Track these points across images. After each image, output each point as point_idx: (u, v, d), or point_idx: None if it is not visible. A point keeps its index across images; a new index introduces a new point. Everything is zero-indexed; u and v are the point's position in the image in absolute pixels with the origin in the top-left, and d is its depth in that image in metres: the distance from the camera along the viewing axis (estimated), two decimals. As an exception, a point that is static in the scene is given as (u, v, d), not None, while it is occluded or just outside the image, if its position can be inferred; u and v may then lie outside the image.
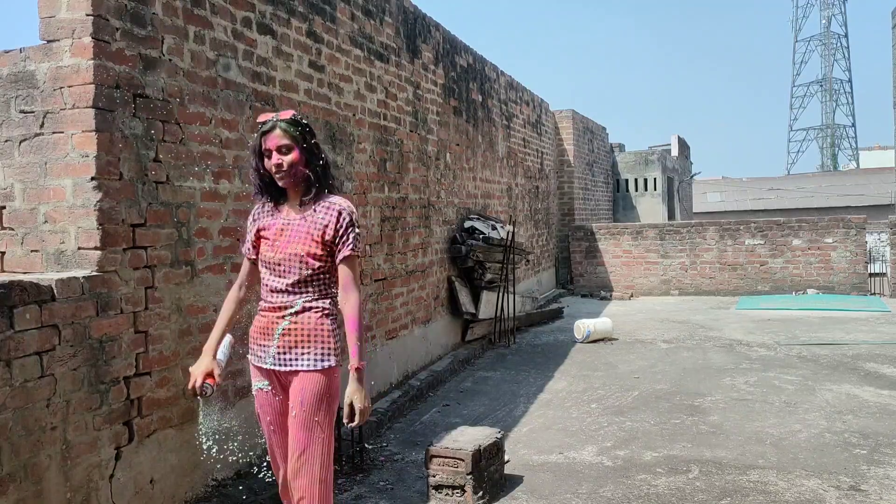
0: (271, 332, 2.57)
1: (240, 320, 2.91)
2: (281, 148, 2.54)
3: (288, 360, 2.56)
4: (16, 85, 3.11)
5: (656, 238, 12.31)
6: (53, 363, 2.75)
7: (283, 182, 2.57)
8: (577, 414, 5.25)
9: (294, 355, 2.55)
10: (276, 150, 2.54)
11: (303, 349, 2.54)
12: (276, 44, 4.29)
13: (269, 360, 2.58)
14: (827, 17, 72.81)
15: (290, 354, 2.55)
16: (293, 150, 2.54)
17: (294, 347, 2.55)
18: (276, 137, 2.54)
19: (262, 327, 2.61)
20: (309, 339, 2.55)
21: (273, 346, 2.57)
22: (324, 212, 2.58)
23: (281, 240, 2.58)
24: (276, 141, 2.54)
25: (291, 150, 2.54)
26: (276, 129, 2.55)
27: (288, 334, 2.55)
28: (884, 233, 12.27)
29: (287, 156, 2.54)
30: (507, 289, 8.15)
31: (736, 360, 6.88)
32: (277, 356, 2.57)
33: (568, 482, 3.94)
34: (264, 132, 2.56)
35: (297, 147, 2.55)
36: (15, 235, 3.16)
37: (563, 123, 13.39)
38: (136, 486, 3.15)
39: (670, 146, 20.85)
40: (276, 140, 2.54)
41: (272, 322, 2.58)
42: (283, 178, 2.56)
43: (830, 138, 72.18)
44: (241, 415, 3.81)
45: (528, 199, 10.97)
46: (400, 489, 3.91)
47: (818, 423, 4.82)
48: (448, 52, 7.54)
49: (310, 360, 2.54)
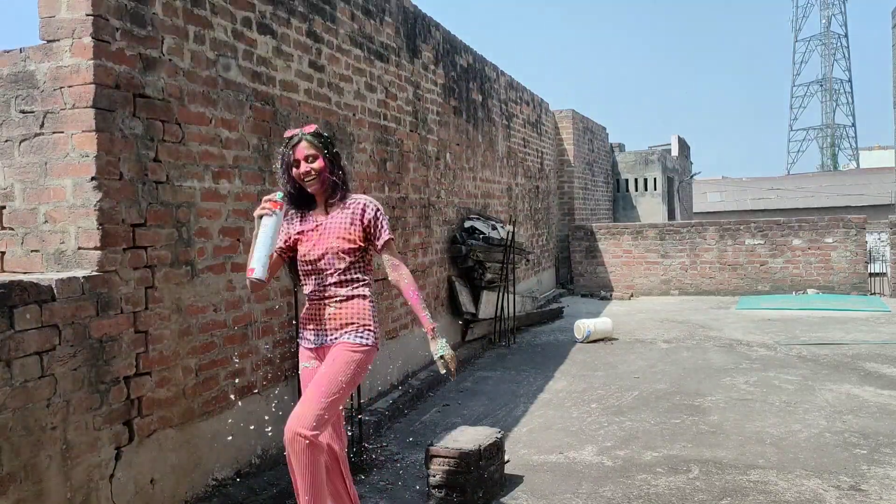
0: (320, 318, 2.94)
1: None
2: (308, 157, 2.89)
3: (334, 338, 2.92)
4: (16, 85, 3.11)
5: (656, 238, 12.31)
6: (53, 363, 2.75)
7: (312, 188, 2.92)
8: (577, 414, 5.25)
9: (339, 333, 2.92)
10: (304, 160, 2.89)
11: (347, 329, 2.91)
12: (276, 44, 4.29)
13: (318, 340, 2.94)
14: (827, 17, 72.84)
15: (336, 333, 2.92)
16: (318, 158, 2.90)
17: (339, 329, 2.92)
18: (303, 148, 2.89)
19: (311, 315, 2.97)
20: (352, 320, 2.91)
21: (322, 328, 2.93)
22: (350, 209, 2.96)
23: (317, 239, 2.93)
24: (304, 151, 2.89)
25: (317, 159, 2.90)
26: (303, 141, 2.90)
27: (335, 318, 2.91)
28: (884, 233, 12.27)
29: (314, 164, 2.89)
30: (507, 289, 8.15)
31: (736, 360, 6.88)
32: (326, 335, 2.93)
33: (568, 482, 3.94)
34: (293, 145, 2.91)
35: (321, 156, 2.90)
36: (15, 235, 3.16)
37: (563, 123, 13.39)
38: (137, 486, 3.15)
39: (670, 146, 20.86)
40: (302, 151, 2.89)
41: (320, 309, 2.94)
42: (313, 184, 2.91)
43: (830, 138, 72.20)
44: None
45: (528, 199, 10.97)
46: (400, 489, 3.91)
47: (818, 423, 4.82)
48: (448, 52, 7.54)
49: (351, 336, 2.91)
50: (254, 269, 2.78)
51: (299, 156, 2.88)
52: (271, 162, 4.23)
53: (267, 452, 4.08)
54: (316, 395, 2.78)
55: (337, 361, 2.85)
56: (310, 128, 2.96)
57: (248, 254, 2.86)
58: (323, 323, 2.93)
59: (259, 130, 4.12)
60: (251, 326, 4.01)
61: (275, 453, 4.14)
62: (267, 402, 4.13)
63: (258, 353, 4.06)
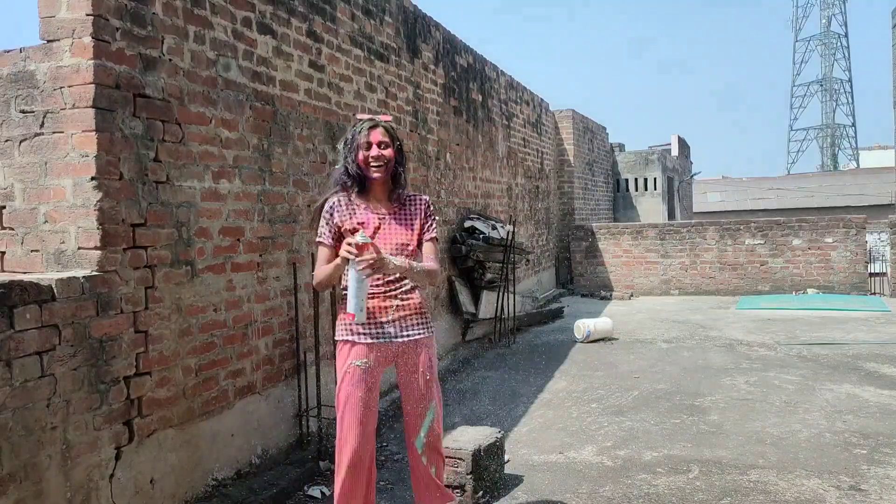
0: (385, 311, 2.92)
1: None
2: (381, 143, 2.92)
3: (405, 333, 2.95)
4: (16, 85, 3.11)
5: (656, 238, 12.31)
6: (53, 363, 2.75)
7: (376, 174, 2.91)
8: (577, 414, 5.25)
9: (409, 327, 2.96)
10: (377, 145, 2.91)
11: (415, 321, 2.98)
12: (276, 44, 4.29)
13: (385, 336, 2.93)
14: (827, 16, 72.81)
15: (406, 327, 2.96)
16: (390, 147, 2.94)
17: (407, 321, 2.96)
18: (380, 134, 2.93)
19: (372, 308, 2.91)
20: (417, 313, 2.99)
21: (388, 322, 2.93)
22: (413, 205, 3.04)
23: (381, 232, 2.93)
24: (379, 137, 2.92)
25: (388, 147, 2.93)
26: (380, 126, 2.95)
27: (401, 310, 2.94)
28: (884, 233, 12.28)
29: (385, 150, 2.92)
30: (508, 288, 8.15)
31: (736, 360, 6.88)
32: (397, 331, 2.94)
33: (568, 482, 3.94)
34: (370, 127, 2.93)
35: (393, 147, 2.95)
36: (15, 235, 3.16)
37: (563, 123, 13.39)
38: (137, 486, 3.15)
39: (670, 146, 20.86)
40: (378, 136, 2.92)
41: (384, 302, 2.92)
42: (379, 170, 2.91)
43: (830, 138, 72.18)
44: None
45: (528, 199, 10.97)
46: (400, 489, 3.91)
47: (818, 423, 4.82)
48: (448, 52, 7.54)
49: (424, 330, 3.00)
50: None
51: (374, 139, 2.90)
52: (271, 162, 4.23)
53: (267, 452, 4.08)
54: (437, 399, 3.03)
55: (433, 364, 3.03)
56: (387, 117, 3.05)
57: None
58: (389, 316, 2.92)
59: (259, 130, 4.11)
60: (251, 326, 4.01)
61: (275, 453, 4.15)
62: (267, 402, 4.13)
63: (258, 353, 4.06)
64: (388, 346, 2.93)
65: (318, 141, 4.75)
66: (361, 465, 2.87)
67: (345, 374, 2.91)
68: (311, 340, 4.48)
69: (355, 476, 2.86)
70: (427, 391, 2.99)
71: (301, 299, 4.45)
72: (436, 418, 3.02)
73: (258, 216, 4.09)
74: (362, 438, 2.86)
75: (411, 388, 2.98)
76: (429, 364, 3.00)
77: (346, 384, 2.89)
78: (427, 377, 2.99)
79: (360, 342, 2.92)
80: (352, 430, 2.86)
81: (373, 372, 2.92)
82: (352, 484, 2.86)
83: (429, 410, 3.00)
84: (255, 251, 4.06)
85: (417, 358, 2.97)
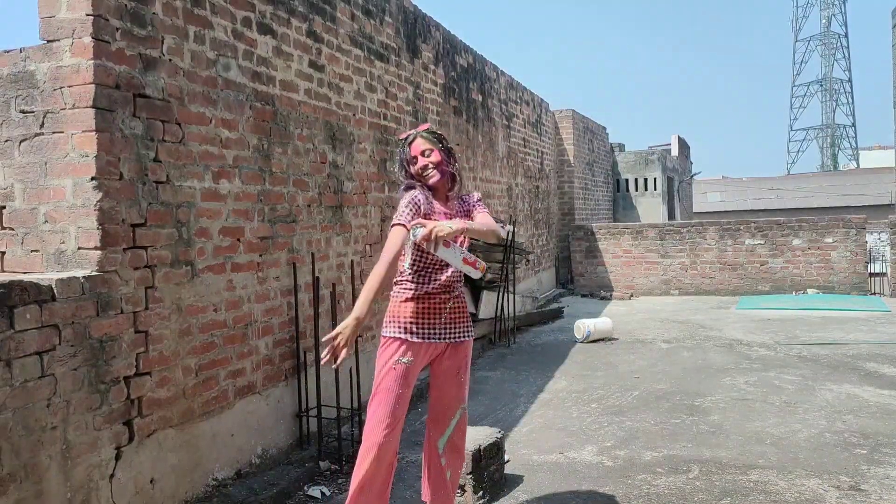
0: (439, 312, 2.98)
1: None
2: (424, 152, 2.97)
3: (456, 333, 3.03)
4: (16, 85, 3.11)
5: (656, 238, 12.31)
6: (53, 363, 2.75)
7: (432, 180, 2.96)
8: (577, 414, 5.25)
9: (459, 328, 3.04)
10: (421, 155, 2.96)
11: (465, 322, 3.07)
12: (276, 44, 4.29)
13: (437, 336, 2.98)
14: (827, 16, 72.83)
15: (457, 328, 3.03)
16: (434, 151, 2.97)
17: (458, 322, 3.04)
18: (419, 145, 2.98)
19: (428, 308, 2.96)
20: (466, 314, 3.08)
21: (441, 322, 2.98)
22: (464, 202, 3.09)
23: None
24: (419, 147, 2.97)
25: (433, 152, 2.97)
26: (417, 138, 2.99)
27: (454, 311, 3.02)
28: (884, 233, 12.27)
29: (430, 157, 2.96)
30: (508, 289, 8.15)
31: (736, 360, 6.88)
32: (448, 331, 3.00)
33: (568, 482, 3.94)
34: (409, 143, 2.99)
35: (436, 148, 2.98)
36: (15, 235, 3.16)
37: (563, 123, 13.39)
38: (137, 486, 3.15)
39: (670, 146, 20.86)
40: (418, 147, 2.97)
41: (440, 302, 2.98)
42: (432, 177, 2.96)
43: (830, 138, 72.19)
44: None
45: (528, 199, 10.97)
46: (400, 489, 3.91)
47: (818, 423, 4.82)
48: (448, 52, 7.54)
49: (470, 332, 3.09)
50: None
51: (415, 152, 2.96)
52: (271, 162, 4.23)
53: (267, 452, 4.08)
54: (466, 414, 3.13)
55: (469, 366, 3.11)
56: (423, 126, 3.09)
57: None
58: (443, 317, 2.97)
59: (259, 130, 4.11)
60: (251, 326, 4.01)
61: (275, 453, 4.15)
62: (267, 402, 4.13)
63: (258, 353, 4.06)
64: (436, 346, 3.00)
65: (318, 141, 4.75)
66: (386, 457, 2.89)
67: (389, 370, 2.92)
68: (311, 340, 4.48)
69: (379, 466, 2.87)
70: (460, 393, 3.07)
71: (301, 299, 4.45)
72: (459, 423, 3.09)
73: (258, 216, 4.09)
74: (393, 431, 2.90)
75: (447, 388, 3.05)
76: (466, 366, 3.08)
77: (388, 378, 2.92)
78: (462, 379, 3.06)
79: (412, 340, 2.94)
80: (383, 423, 2.88)
81: (414, 370, 2.97)
82: (374, 473, 2.87)
83: (458, 411, 3.07)
84: (255, 251, 4.06)
85: (460, 359, 3.05)
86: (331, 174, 4.91)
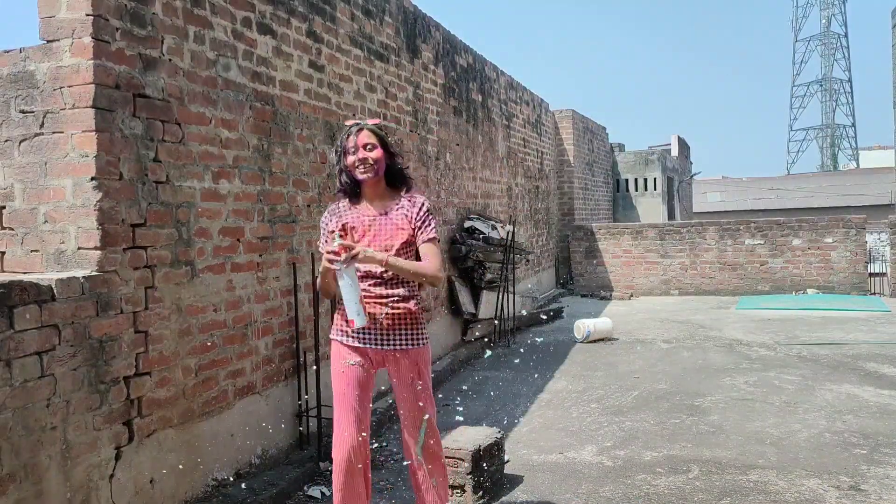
0: (373, 318, 2.86)
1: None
2: (367, 145, 2.87)
3: (397, 341, 2.89)
4: (16, 85, 3.11)
5: (656, 238, 12.31)
6: (53, 363, 2.75)
7: (363, 175, 2.87)
8: (577, 414, 5.25)
9: (398, 336, 2.89)
10: (363, 147, 2.87)
11: (406, 331, 2.90)
12: (276, 44, 4.29)
13: (374, 343, 2.89)
14: (827, 16, 72.84)
15: (398, 336, 2.89)
16: (377, 148, 2.88)
17: (397, 329, 2.89)
18: (365, 136, 2.88)
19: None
20: (408, 322, 2.90)
21: (376, 329, 2.88)
22: (408, 205, 2.93)
23: (371, 235, 2.89)
24: (364, 139, 2.88)
25: (375, 148, 2.88)
26: (365, 129, 2.90)
27: (390, 319, 2.88)
28: (884, 233, 12.27)
29: (371, 152, 2.86)
30: (507, 289, 8.15)
31: (736, 360, 6.88)
32: (386, 339, 2.89)
33: (568, 482, 3.94)
34: (356, 131, 2.89)
35: (381, 147, 2.89)
36: (15, 235, 3.16)
37: (563, 123, 13.39)
38: (136, 486, 3.15)
39: (670, 146, 20.86)
40: (364, 138, 2.88)
41: (373, 309, 2.86)
42: (366, 172, 2.86)
43: (830, 138, 72.20)
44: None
45: (528, 199, 10.97)
46: (400, 489, 3.91)
47: (818, 423, 4.82)
48: (448, 52, 7.54)
49: (415, 339, 2.91)
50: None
51: (360, 142, 2.86)
52: (271, 162, 4.23)
53: (267, 452, 4.08)
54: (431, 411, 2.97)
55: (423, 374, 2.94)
56: (373, 120, 3.02)
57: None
58: (377, 323, 2.86)
59: (259, 130, 4.11)
60: (251, 326, 4.01)
61: (274, 453, 4.15)
62: (267, 402, 4.13)
63: (258, 353, 4.06)
64: (379, 351, 2.91)
65: (318, 141, 4.75)
66: (356, 463, 2.87)
67: (339, 374, 2.92)
68: (311, 340, 4.48)
69: (350, 473, 2.87)
70: (417, 402, 2.93)
71: (301, 299, 4.45)
72: (429, 432, 2.97)
73: (258, 216, 4.09)
74: (357, 437, 2.87)
75: (405, 397, 2.95)
76: (419, 375, 2.93)
77: (341, 383, 2.91)
78: (418, 387, 2.93)
79: (349, 344, 2.92)
80: (347, 429, 2.87)
81: (366, 372, 2.92)
82: (346, 480, 2.87)
83: (422, 421, 2.95)
84: (255, 251, 4.06)
85: (407, 369, 2.91)
86: (331, 174, 4.91)
